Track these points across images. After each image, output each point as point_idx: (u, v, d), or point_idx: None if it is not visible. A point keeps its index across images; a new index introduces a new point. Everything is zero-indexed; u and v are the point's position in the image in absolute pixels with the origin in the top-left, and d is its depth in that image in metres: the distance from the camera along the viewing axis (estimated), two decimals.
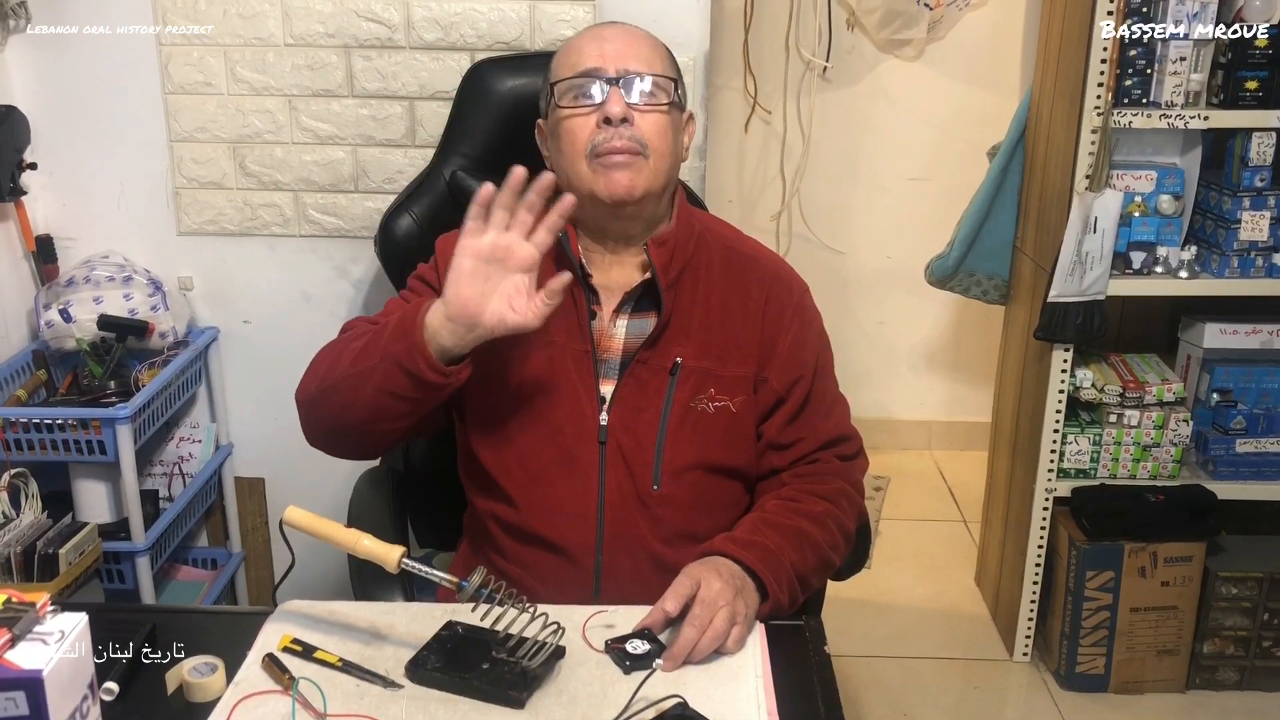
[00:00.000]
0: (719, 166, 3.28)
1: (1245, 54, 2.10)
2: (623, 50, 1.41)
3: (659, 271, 1.41)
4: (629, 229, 1.45)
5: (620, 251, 1.46)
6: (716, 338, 1.44)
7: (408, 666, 1.15)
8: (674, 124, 1.43)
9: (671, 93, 1.42)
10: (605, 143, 1.37)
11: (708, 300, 1.45)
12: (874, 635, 2.64)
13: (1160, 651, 2.41)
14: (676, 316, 1.43)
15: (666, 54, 1.46)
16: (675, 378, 1.42)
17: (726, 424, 1.43)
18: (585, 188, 1.40)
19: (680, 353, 1.42)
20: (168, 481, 2.27)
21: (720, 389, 1.43)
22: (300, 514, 1.21)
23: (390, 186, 2.17)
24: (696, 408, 1.42)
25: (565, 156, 1.41)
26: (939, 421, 3.60)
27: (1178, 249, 2.26)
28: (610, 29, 1.46)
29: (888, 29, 3.19)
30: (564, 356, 1.42)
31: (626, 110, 1.37)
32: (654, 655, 1.17)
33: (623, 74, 1.39)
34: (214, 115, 2.16)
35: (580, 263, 1.43)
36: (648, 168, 1.39)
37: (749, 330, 1.45)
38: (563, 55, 1.45)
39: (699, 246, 1.47)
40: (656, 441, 1.41)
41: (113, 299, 2.12)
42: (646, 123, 1.39)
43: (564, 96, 1.41)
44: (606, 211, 1.42)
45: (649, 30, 1.48)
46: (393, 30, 2.10)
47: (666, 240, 1.43)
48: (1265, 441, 2.34)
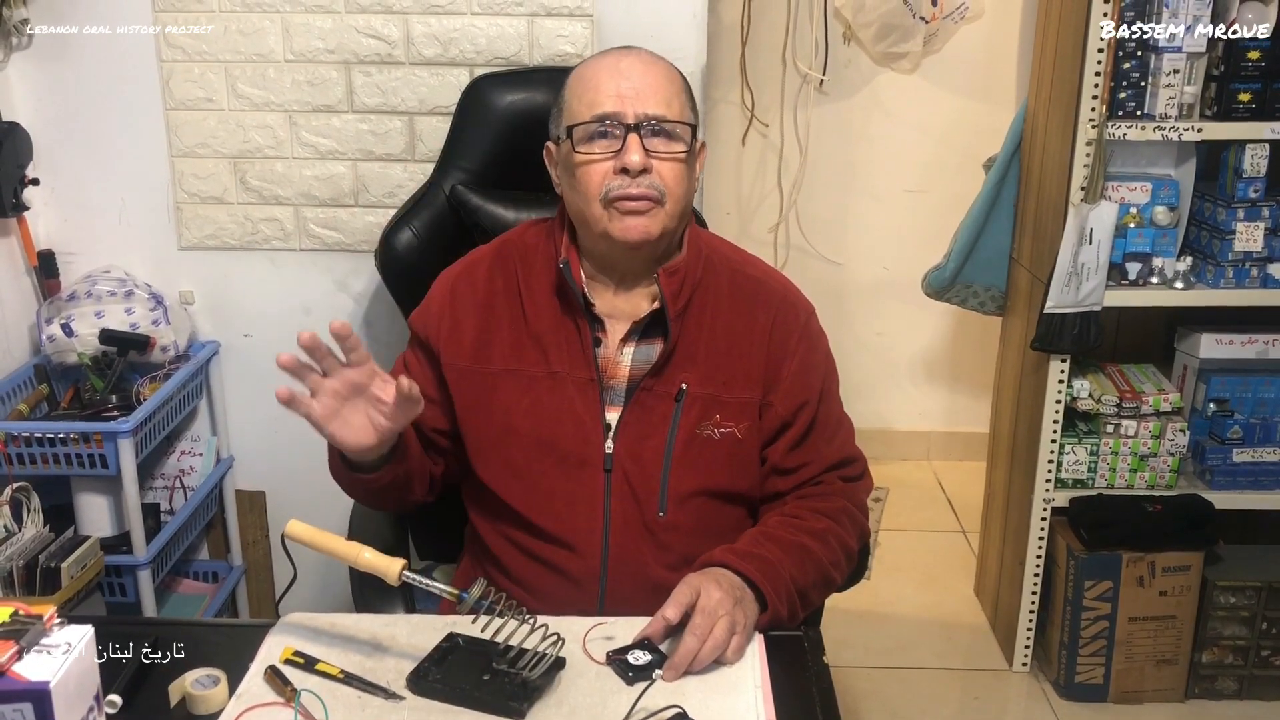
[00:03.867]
0: (716, 179, 3.29)
1: (1238, 66, 2.12)
2: (642, 90, 1.37)
3: (669, 301, 1.40)
4: (640, 267, 1.44)
5: (629, 283, 1.45)
6: (722, 363, 1.43)
7: (409, 678, 1.16)
8: (690, 165, 1.42)
9: (689, 138, 1.41)
10: (622, 189, 1.36)
11: (714, 326, 1.44)
12: (873, 645, 2.64)
13: (1159, 661, 2.41)
14: (683, 343, 1.42)
15: (684, 87, 1.43)
16: (680, 404, 1.41)
17: (731, 450, 1.43)
18: (599, 228, 1.39)
19: (685, 379, 1.42)
20: (169, 495, 2.27)
21: (726, 415, 1.42)
22: (301, 527, 1.22)
23: (390, 201, 2.18)
24: (702, 434, 1.42)
25: (579, 195, 1.40)
26: (937, 432, 3.61)
27: (1173, 260, 2.27)
28: (628, 60, 1.41)
29: (884, 42, 3.20)
30: (568, 385, 1.42)
31: (646, 160, 1.35)
32: (655, 666, 1.17)
33: (642, 119, 1.36)
34: (215, 130, 2.17)
35: (583, 292, 1.42)
36: (664, 213, 1.38)
37: (755, 354, 1.44)
38: (579, 89, 1.41)
39: (706, 271, 1.46)
40: (662, 468, 1.41)
41: (114, 313, 2.12)
42: (665, 169, 1.37)
43: (581, 140, 1.38)
44: (619, 251, 1.41)
45: (647, 44, 1.48)
46: (392, 46, 2.11)
47: (678, 270, 1.42)
48: (1262, 451, 2.35)
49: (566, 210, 1.46)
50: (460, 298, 1.47)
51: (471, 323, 1.46)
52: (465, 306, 1.47)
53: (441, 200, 1.90)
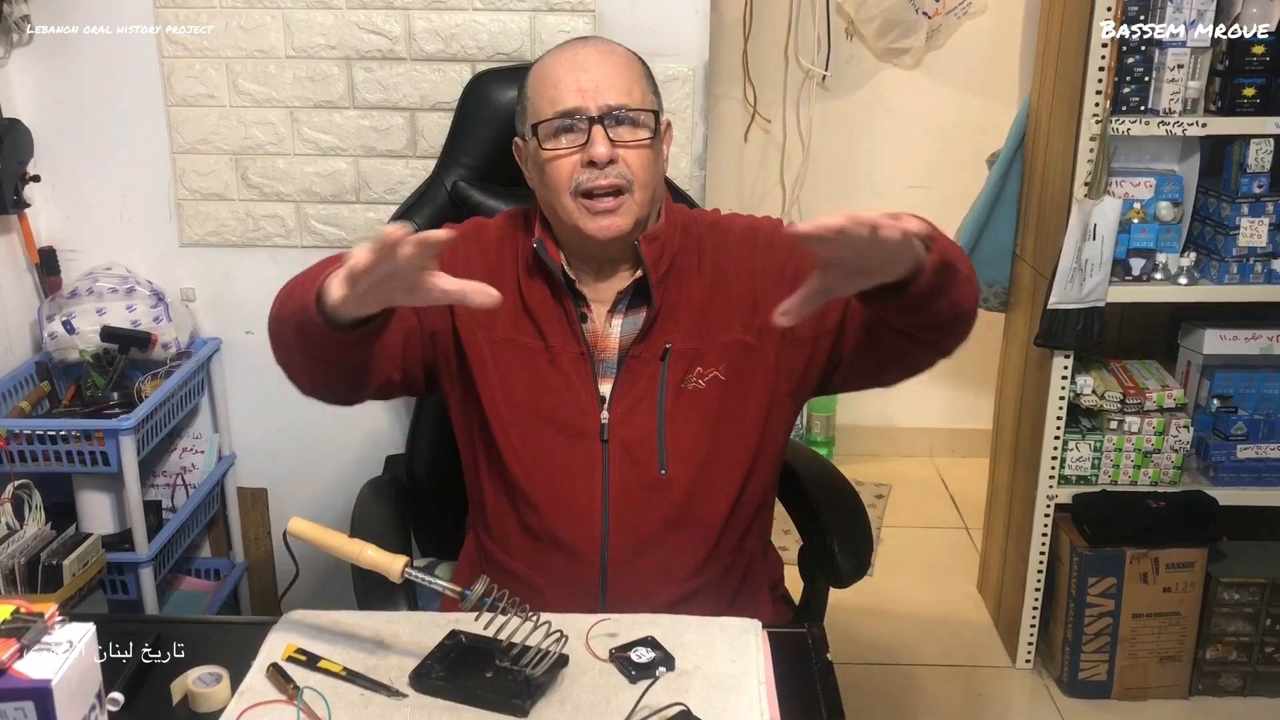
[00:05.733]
0: (719, 176, 3.29)
1: (1242, 61, 2.11)
2: (601, 82, 1.39)
3: (650, 267, 1.42)
4: (616, 253, 1.45)
5: (608, 270, 1.47)
6: (702, 315, 1.45)
7: (412, 676, 1.15)
8: (656, 149, 1.43)
9: (653, 124, 1.42)
10: (590, 181, 1.37)
11: (693, 285, 1.46)
12: (876, 643, 2.64)
13: (1163, 658, 2.41)
14: (665, 306, 1.44)
15: (643, 73, 1.44)
16: (666, 362, 1.43)
17: (721, 395, 1.44)
18: (571, 220, 1.40)
19: (669, 339, 1.44)
20: (170, 492, 2.27)
21: (706, 364, 1.44)
22: (303, 524, 1.22)
23: (392, 197, 2.18)
24: (688, 387, 1.44)
25: (549, 190, 1.41)
26: (940, 429, 3.60)
27: (1177, 255, 2.26)
28: (585, 52, 1.42)
29: (886, 38, 3.20)
30: (561, 360, 1.44)
31: (612, 151, 1.37)
32: (658, 664, 1.17)
33: (605, 111, 1.38)
34: (216, 127, 2.16)
35: (562, 269, 1.44)
36: (634, 203, 1.40)
37: (733, 295, 1.45)
38: (540, 86, 1.42)
39: (684, 236, 1.48)
40: (656, 428, 1.43)
41: (115, 310, 2.12)
42: (631, 157, 1.39)
43: (546, 136, 1.40)
44: (593, 245, 1.43)
45: (649, 41, 1.48)
46: (394, 42, 2.11)
47: (658, 236, 1.44)
48: (1266, 447, 2.34)
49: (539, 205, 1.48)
50: (472, 256, 1.48)
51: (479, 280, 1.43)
52: (476, 265, 1.46)
53: (443, 196, 1.89)
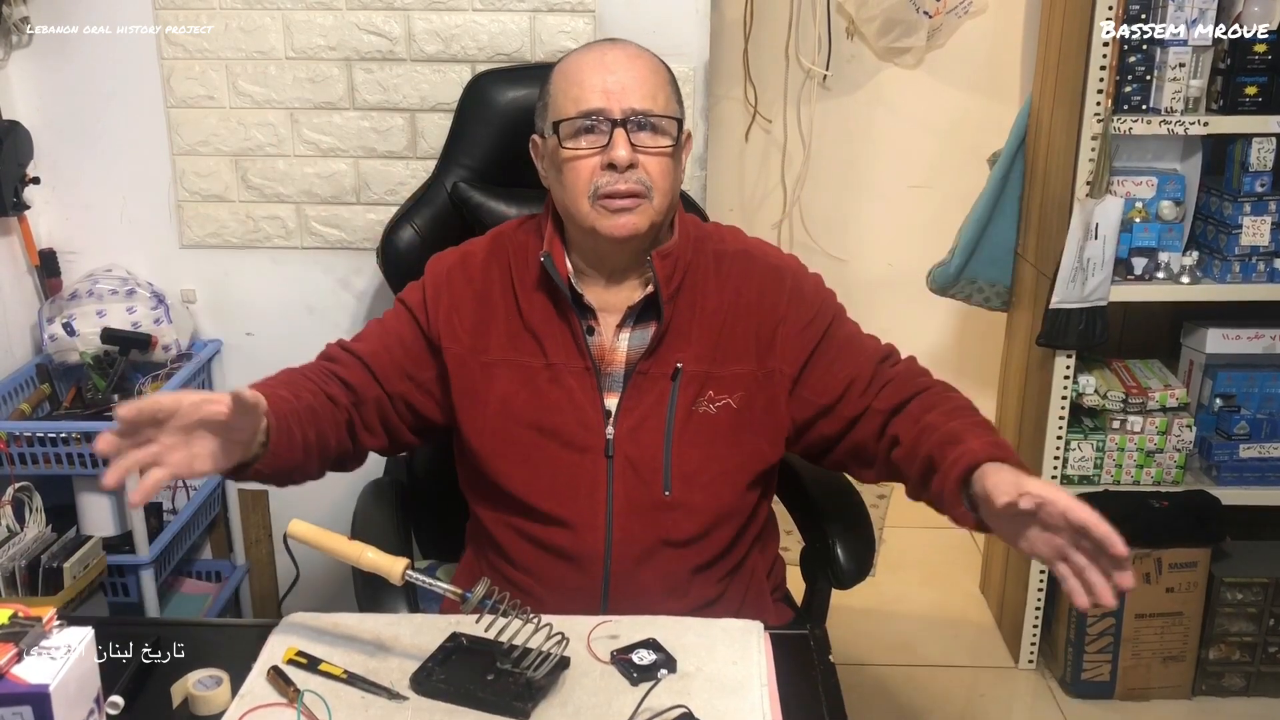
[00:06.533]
0: (720, 176, 3.28)
1: (1244, 59, 2.10)
2: (627, 85, 1.38)
3: (662, 283, 1.41)
4: (629, 259, 1.45)
5: (619, 277, 1.46)
6: (715, 341, 1.44)
7: (413, 678, 1.15)
8: (676, 158, 1.43)
9: (675, 132, 1.41)
10: (609, 185, 1.37)
11: (705, 305, 1.45)
12: (879, 643, 2.63)
13: (1166, 658, 2.40)
14: (676, 323, 1.43)
15: (669, 80, 1.44)
16: (677, 382, 1.42)
17: (731, 422, 1.44)
18: (587, 223, 1.39)
19: (680, 358, 1.43)
20: (171, 494, 2.27)
21: (719, 389, 1.43)
22: (304, 527, 1.22)
23: (392, 198, 2.18)
24: (699, 410, 1.43)
25: (566, 191, 1.41)
26: None
27: (1179, 254, 2.26)
28: (613, 53, 1.41)
29: (887, 37, 3.19)
30: (565, 375, 1.42)
31: (632, 155, 1.36)
32: (660, 666, 1.17)
33: (629, 114, 1.37)
34: (216, 128, 2.16)
35: (569, 283, 1.43)
36: (651, 208, 1.39)
37: (747, 328, 1.45)
38: (564, 84, 1.41)
39: (696, 253, 1.47)
40: (664, 448, 1.41)
41: (116, 312, 2.12)
42: (651, 164, 1.38)
43: (567, 135, 1.39)
44: (607, 246, 1.42)
45: (650, 40, 1.48)
46: (394, 43, 2.11)
47: (670, 252, 1.43)
48: (1269, 446, 2.34)
49: (553, 203, 1.47)
50: (456, 286, 1.47)
51: (468, 311, 1.46)
52: (461, 295, 1.46)
53: (443, 197, 1.89)
